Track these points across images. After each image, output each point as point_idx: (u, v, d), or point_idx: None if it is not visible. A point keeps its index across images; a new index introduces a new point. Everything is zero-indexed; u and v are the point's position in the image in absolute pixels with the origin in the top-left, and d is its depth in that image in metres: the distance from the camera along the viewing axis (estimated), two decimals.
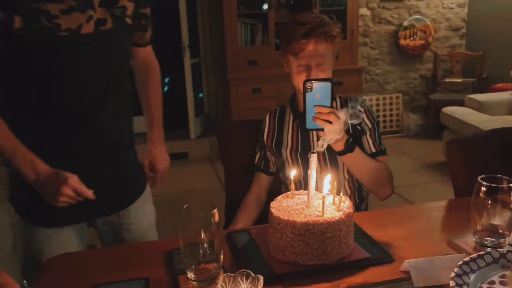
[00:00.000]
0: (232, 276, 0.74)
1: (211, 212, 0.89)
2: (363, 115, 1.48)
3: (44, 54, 1.07)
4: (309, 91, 1.20)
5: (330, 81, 1.20)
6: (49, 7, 1.04)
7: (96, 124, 1.18)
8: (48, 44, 1.07)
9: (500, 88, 4.27)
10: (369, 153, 1.45)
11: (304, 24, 1.38)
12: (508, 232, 1.00)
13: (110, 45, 1.17)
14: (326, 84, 1.20)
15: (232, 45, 4.26)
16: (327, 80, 1.21)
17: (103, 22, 1.13)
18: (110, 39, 1.16)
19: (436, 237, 1.10)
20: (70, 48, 1.10)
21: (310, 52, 1.39)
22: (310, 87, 1.20)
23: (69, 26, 1.07)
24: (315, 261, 0.95)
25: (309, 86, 1.20)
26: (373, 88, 5.19)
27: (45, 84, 1.11)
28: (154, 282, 0.93)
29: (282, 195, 1.08)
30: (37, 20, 1.04)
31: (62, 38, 1.07)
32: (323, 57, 1.40)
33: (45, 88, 1.11)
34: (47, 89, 1.11)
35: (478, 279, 0.79)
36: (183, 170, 4.24)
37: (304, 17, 1.42)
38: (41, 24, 1.04)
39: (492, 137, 1.47)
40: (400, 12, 5.05)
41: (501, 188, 0.97)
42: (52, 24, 1.05)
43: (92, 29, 1.11)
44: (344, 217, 0.95)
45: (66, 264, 1.04)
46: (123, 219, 1.33)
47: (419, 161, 4.25)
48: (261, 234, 1.09)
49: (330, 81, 1.20)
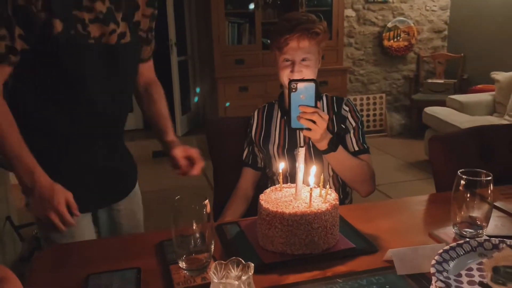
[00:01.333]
0: (224, 264, 0.77)
1: (202, 203, 0.91)
2: (348, 114, 1.52)
3: (75, 58, 1.12)
4: (294, 91, 1.24)
5: (315, 81, 1.24)
6: (85, 16, 1.10)
7: (107, 119, 1.25)
8: (79, 50, 1.12)
9: (480, 89, 4.39)
10: (352, 151, 1.49)
11: (290, 20, 1.44)
12: (486, 224, 1.05)
13: (128, 57, 1.24)
14: (310, 85, 1.24)
15: (220, 43, 4.28)
16: (311, 80, 1.25)
17: (123, 35, 1.20)
18: (129, 51, 1.23)
19: (418, 229, 1.15)
20: (96, 54, 1.15)
21: (294, 47, 1.43)
22: (294, 87, 1.23)
23: (95, 35, 1.14)
24: (302, 251, 0.98)
25: (293, 86, 1.23)
26: (357, 88, 5.27)
27: (70, 84, 1.15)
28: (146, 272, 0.95)
29: (271, 188, 1.12)
30: (75, 26, 1.09)
31: (91, 45, 1.13)
32: (307, 53, 1.44)
33: (69, 88, 1.16)
34: (71, 89, 1.16)
35: (457, 266, 0.83)
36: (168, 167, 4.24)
37: (292, 15, 1.48)
38: (77, 31, 1.10)
39: (472, 134, 1.53)
40: (385, 13, 5.14)
41: (480, 182, 1.02)
42: (86, 32, 1.11)
43: (114, 41, 1.18)
44: (330, 208, 0.99)
45: (58, 255, 1.05)
46: (119, 206, 1.39)
47: (402, 159, 4.34)
48: (250, 226, 1.12)
49: (315, 81, 1.24)
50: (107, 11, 1.14)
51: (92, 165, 1.26)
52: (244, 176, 1.62)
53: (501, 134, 1.54)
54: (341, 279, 0.89)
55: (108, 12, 1.14)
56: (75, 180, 1.18)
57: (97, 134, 1.25)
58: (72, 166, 1.22)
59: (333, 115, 1.53)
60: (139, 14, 1.25)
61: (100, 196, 1.30)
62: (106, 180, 1.29)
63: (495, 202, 1.23)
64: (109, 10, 1.14)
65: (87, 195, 1.22)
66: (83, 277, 0.93)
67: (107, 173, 1.29)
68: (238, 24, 4.41)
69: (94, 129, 1.24)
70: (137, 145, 4.73)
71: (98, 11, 1.12)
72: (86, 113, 1.21)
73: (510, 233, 1.07)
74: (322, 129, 1.27)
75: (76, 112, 1.20)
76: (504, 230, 1.10)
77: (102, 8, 1.13)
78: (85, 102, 1.19)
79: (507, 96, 3.92)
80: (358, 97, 5.20)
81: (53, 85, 1.15)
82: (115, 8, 1.16)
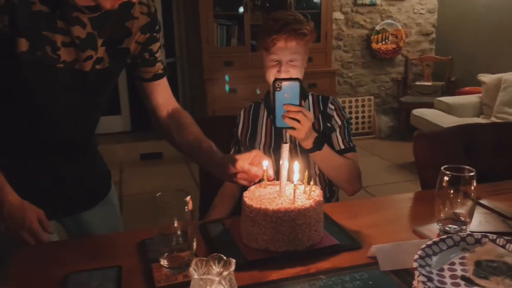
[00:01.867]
0: (205, 260, 0.75)
1: (184, 200, 0.90)
2: (333, 112, 1.52)
3: (39, 78, 1.07)
4: (278, 90, 1.23)
5: (299, 80, 1.24)
6: (57, 38, 1.04)
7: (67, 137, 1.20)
8: (45, 73, 1.06)
9: (467, 91, 4.43)
10: (338, 149, 1.49)
11: (278, 20, 1.43)
12: (469, 220, 1.05)
13: (101, 82, 1.18)
14: (294, 84, 1.23)
15: (208, 45, 4.27)
16: (295, 79, 1.25)
17: (99, 61, 1.13)
18: (103, 76, 1.17)
19: (402, 226, 1.14)
20: (64, 79, 1.10)
21: (281, 47, 1.42)
22: (279, 86, 1.23)
23: (65, 59, 1.07)
24: (286, 247, 0.97)
25: (278, 85, 1.23)
26: (346, 90, 5.29)
27: (30, 100, 1.10)
28: (127, 270, 0.93)
29: (255, 185, 1.11)
30: (42, 48, 1.03)
31: (59, 69, 1.07)
32: (294, 53, 1.44)
33: (28, 103, 1.10)
34: (30, 104, 1.11)
35: (440, 261, 0.83)
36: (157, 170, 4.21)
37: (279, 15, 1.47)
38: (45, 53, 1.04)
39: (457, 132, 1.54)
40: (373, 16, 5.18)
41: (463, 178, 1.02)
42: (55, 55, 1.05)
43: (89, 68, 1.12)
44: (314, 205, 0.98)
45: (37, 255, 1.03)
46: (88, 217, 1.33)
47: (390, 161, 4.36)
48: (234, 224, 1.11)
49: (299, 80, 1.24)
50: (87, 37, 1.07)
51: (45, 176, 1.20)
52: None
53: (486, 132, 1.55)
54: (324, 276, 0.88)
55: (88, 38, 1.08)
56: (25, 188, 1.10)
57: (54, 149, 1.19)
58: (23, 175, 1.15)
59: (319, 113, 1.53)
60: (130, 41, 1.17)
61: (56, 205, 1.22)
62: (62, 191, 1.23)
63: (479, 199, 1.23)
64: (89, 36, 1.08)
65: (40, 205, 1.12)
66: (62, 276, 0.91)
67: (62, 184, 1.23)
68: (227, 26, 4.41)
69: (50, 145, 1.18)
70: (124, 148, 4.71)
71: (74, 36, 1.06)
72: (44, 130, 1.15)
73: (493, 229, 1.08)
74: (306, 128, 1.27)
75: (33, 127, 1.14)
76: (488, 226, 1.10)
77: (80, 34, 1.06)
78: (45, 120, 1.14)
79: (493, 98, 3.96)
80: (347, 99, 5.23)
81: (12, 96, 1.10)
82: (98, 34, 1.10)
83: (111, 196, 1.41)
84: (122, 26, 1.15)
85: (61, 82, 1.09)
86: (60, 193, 1.24)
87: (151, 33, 1.21)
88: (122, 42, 1.16)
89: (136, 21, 1.16)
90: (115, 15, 1.10)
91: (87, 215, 1.33)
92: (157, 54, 1.26)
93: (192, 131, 1.28)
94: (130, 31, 1.16)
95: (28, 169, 1.17)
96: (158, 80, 1.28)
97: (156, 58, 1.26)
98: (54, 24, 1.03)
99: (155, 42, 1.24)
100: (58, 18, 1.03)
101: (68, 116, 1.17)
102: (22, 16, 0.99)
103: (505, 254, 0.83)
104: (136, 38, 1.18)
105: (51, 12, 1.02)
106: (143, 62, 1.24)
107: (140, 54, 1.22)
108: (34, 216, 1.04)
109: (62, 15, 1.03)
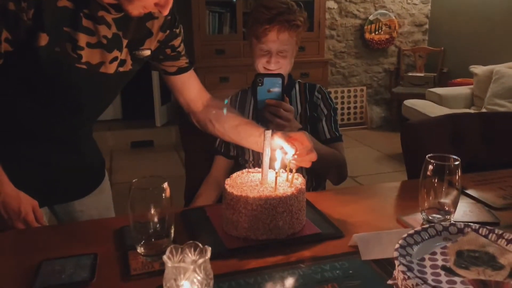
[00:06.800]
0: (180, 248, 0.73)
1: (161, 186, 0.88)
2: (320, 101, 1.50)
3: (54, 75, 1.04)
4: (260, 85, 1.22)
5: (281, 76, 1.22)
6: (79, 37, 1.01)
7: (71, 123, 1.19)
8: (61, 69, 1.04)
9: (459, 83, 4.43)
10: (324, 139, 1.46)
11: (270, 8, 1.38)
12: (454, 210, 1.03)
13: (120, 83, 1.18)
14: (277, 79, 1.22)
15: (200, 33, 4.22)
16: (278, 75, 1.23)
17: (122, 63, 1.12)
18: (124, 78, 1.16)
19: (386, 215, 1.13)
20: (85, 80, 1.08)
21: (273, 38, 1.39)
22: (261, 81, 1.22)
23: (89, 60, 1.05)
24: (267, 236, 0.95)
25: (260, 80, 1.22)
26: (338, 80, 5.27)
27: (42, 88, 1.07)
28: (103, 258, 0.91)
29: (237, 173, 1.09)
30: (62, 44, 1.00)
31: (78, 69, 1.05)
32: (285, 45, 1.40)
33: (41, 90, 1.08)
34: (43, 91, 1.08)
35: (422, 251, 0.81)
36: (148, 158, 4.18)
37: (271, 2, 1.41)
38: (64, 50, 1.01)
39: (444, 122, 1.52)
40: (366, 6, 5.14)
41: (448, 166, 1.01)
42: (75, 54, 1.02)
43: (113, 71, 1.10)
44: (296, 193, 0.96)
45: (10, 241, 1.00)
46: (80, 206, 1.31)
47: (381, 152, 4.36)
48: (216, 212, 1.09)
49: (281, 76, 1.22)
50: (113, 37, 1.06)
51: (39, 163, 1.19)
52: (216, 164, 1.59)
53: (473, 122, 1.54)
54: (304, 264, 0.87)
55: (114, 38, 1.06)
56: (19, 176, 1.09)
57: (51, 136, 1.18)
58: (17, 162, 1.14)
59: (305, 102, 1.50)
60: (151, 41, 1.16)
61: (48, 193, 1.22)
62: (55, 179, 1.22)
63: (465, 189, 1.22)
64: (115, 36, 1.06)
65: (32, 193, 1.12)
66: (35, 263, 0.88)
67: (57, 171, 1.22)
68: (219, 13, 4.35)
69: (47, 133, 1.17)
70: (115, 135, 4.66)
71: (102, 35, 1.04)
72: (47, 120, 1.14)
73: (478, 219, 1.07)
74: (287, 122, 1.26)
75: (38, 116, 1.12)
76: (472, 216, 1.09)
77: (107, 33, 1.04)
78: (51, 113, 1.12)
79: (484, 89, 3.96)
80: (339, 89, 5.20)
81: (31, 84, 1.08)
82: (123, 35, 1.08)
83: (104, 185, 1.39)
84: (143, 27, 1.13)
85: (78, 82, 1.07)
86: (54, 181, 1.22)
87: (170, 30, 1.19)
88: (144, 42, 1.15)
89: (156, 20, 1.15)
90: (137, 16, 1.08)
91: (80, 203, 1.31)
92: (179, 48, 1.24)
93: (231, 115, 1.26)
94: (150, 31, 1.15)
95: (22, 157, 1.16)
96: (184, 73, 1.26)
97: (179, 53, 1.24)
98: (79, 22, 1.01)
99: (176, 37, 1.22)
100: (85, 17, 1.01)
101: (78, 112, 1.16)
102: (47, 11, 0.96)
103: (487, 244, 0.82)
104: (158, 37, 1.17)
105: (76, 9, 1.00)
106: (166, 58, 1.23)
107: (162, 50, 1.21)
108: (29, 207, 1.05)
109: (89, 14, 1.01)
